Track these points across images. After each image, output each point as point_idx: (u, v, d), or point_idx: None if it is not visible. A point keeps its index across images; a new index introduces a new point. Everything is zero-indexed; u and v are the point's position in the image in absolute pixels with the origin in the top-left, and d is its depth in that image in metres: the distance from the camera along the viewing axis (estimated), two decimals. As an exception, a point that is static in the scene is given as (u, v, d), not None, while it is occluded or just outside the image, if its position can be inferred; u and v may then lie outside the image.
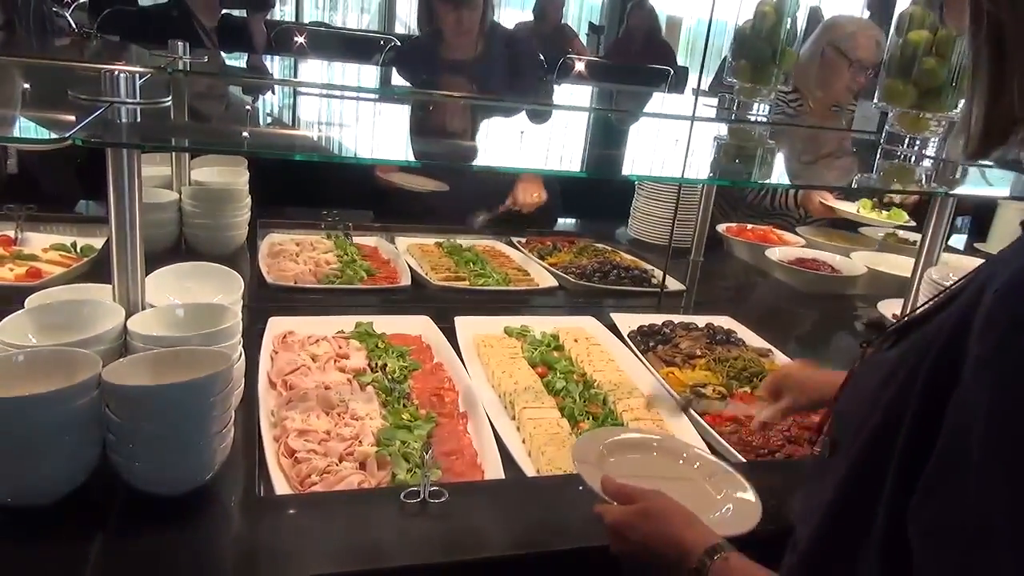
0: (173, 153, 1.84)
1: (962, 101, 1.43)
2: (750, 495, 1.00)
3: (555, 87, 3.67)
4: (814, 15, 2.73)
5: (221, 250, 1.76)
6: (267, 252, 1.88)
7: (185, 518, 0.93)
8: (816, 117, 2.58)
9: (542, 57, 3.24)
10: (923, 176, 1.70)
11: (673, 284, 2.03)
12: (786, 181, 2.44)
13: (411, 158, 1.87)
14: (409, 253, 2.04)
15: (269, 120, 1.65)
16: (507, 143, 1.78)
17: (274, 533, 0.93)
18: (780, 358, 1.65)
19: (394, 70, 2.80)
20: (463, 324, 1.58)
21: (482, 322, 1.62)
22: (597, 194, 2.47)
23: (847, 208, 2.45)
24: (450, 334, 1.53)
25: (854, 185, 2.17)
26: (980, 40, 0.65)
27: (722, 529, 0.84)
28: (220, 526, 0.95)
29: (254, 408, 1.19)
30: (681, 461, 1.09)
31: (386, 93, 2.14)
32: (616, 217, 2.56)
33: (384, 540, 0.94)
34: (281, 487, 1.05)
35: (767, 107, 1.93)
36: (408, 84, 2.49)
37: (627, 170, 1.96)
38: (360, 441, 1.14)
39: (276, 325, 1.45)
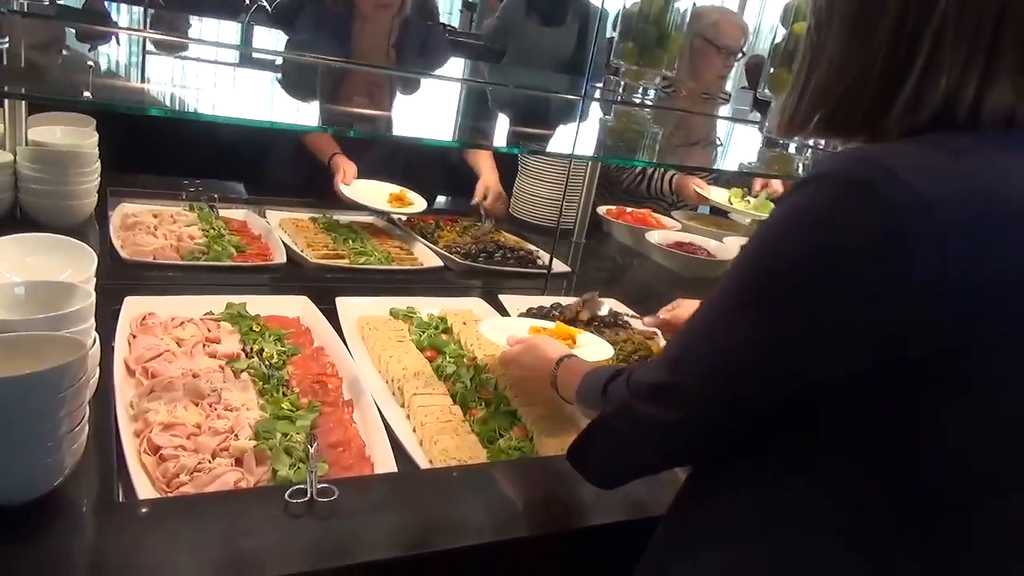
0: (5, 107, 1.61)
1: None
2: (608, 348, 1.38)
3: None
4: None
5: (65, 221, 1.56)
6: (120, 224, 1.70)
7: (30, 530, 0.80)
8: (688, 104, 2.64)
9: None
10: (800, 164, 1.76)
11: (558, 266, 2.01)
12: (666, 162, 2.48)
13: (284, 120, 1.73)
14: (282, 228, 1.90)
15: (118, 75, 1.48)
16: (389, 112, 1.69)
17: (135, 542, 0.82)
18: (662, 342, 1.66)
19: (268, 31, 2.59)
20: (345, 305, 1.48)
21: (366, 303, 1.53)
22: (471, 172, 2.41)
23: (719, 196, 2.52)
24: (331, 316, 1.43)
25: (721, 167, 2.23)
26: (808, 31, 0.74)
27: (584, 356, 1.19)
28: (71, 537, 0.83)
29: (110, 400, 1.05)
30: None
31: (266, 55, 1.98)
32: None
33: (266, 546, 0.84)
34: (144, 489, 0.93)
35: (652, 91, 1.94)
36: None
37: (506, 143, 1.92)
38: (236, 435, 1.04)
39: (133, 306, 1.30)
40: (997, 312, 0.62)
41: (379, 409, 1.16)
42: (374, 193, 2.10)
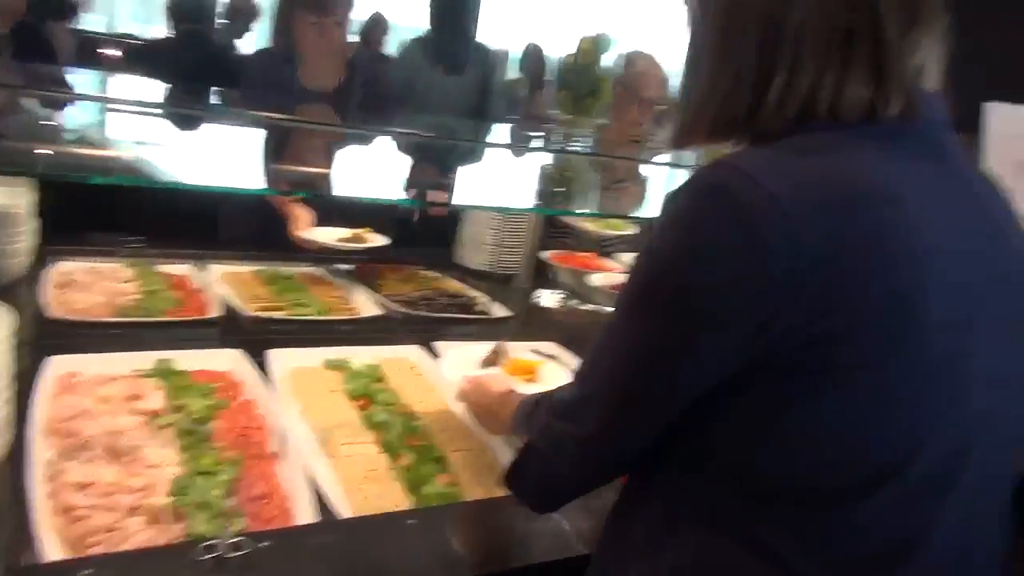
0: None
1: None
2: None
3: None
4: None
5: (-6, 281, 1.56)
6: (54, 282, 1.69)
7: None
8: (615, 148, 2.72)
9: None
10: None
11: (502, 311, 2.03)
12: (595, 209, 2.52)
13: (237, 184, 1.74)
14: (224, 282, 1.91)
15: (70, 137, 1.49)
16: (341, 167, 1.71)
17: (39, 607, 0.81)
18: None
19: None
20: (278, 357, 1.48)
21: (300, 355, 1.53)
22: (424, 220, 2.44)
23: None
24: (266, 368, 1.43)
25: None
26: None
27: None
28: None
29: (24, 462, 1.04)
30: None
31: (222, 114, 2.00)
32: (443, 244, 2.53)
33: (173, 604, 0.84)
34: (55, 551, 0.92)
35: (587, 137, 1.99)
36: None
37: (456, 199, 1.95)
38: (152, 492, 1.03)
39: (57, 365, 1.29)
40: (855, 297, 0.65)
41: (306, 460, 1.17)
42: (331, 238, 2.13)
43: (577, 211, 2.55)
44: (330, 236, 2.13)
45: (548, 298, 2.07)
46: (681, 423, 0.74)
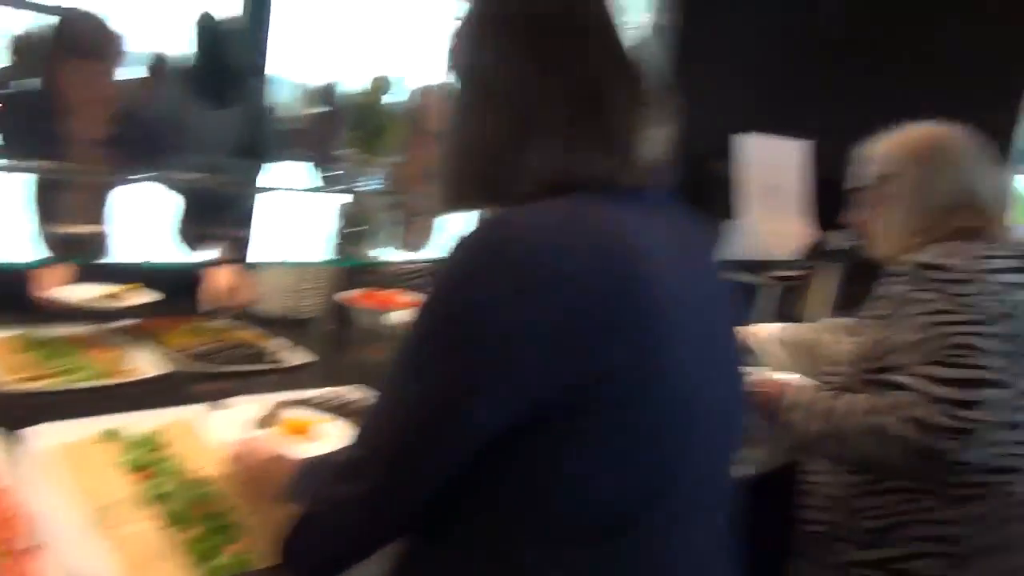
0: None
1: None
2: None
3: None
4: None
5: None
6: None
7: None
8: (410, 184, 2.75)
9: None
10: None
11: (300, 358, 1.97)
12: (395, 247, 2.52)
13: None
14: (-24, 352, 1.71)
15: None
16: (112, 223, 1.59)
17: None
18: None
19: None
20: (41, 434, 1.35)
21: (70, 428, 1.40)
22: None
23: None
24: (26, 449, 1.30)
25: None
26: None
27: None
28: None
29: None
30: None
31: None
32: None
33: None
34: None
35: (378, 177, 2.00)
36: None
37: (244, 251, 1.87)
38: None
39: None
40: (616, 343, 0.72)
41: (75, 549, 1.07)
42: (92, 295, 1.96)
43: (373, 255, 2.54)
44: (90, 294, 1.96)
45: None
46: (459, 474, 0.76)
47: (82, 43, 1.99)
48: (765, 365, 2.06)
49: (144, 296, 2.01)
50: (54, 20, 2.08)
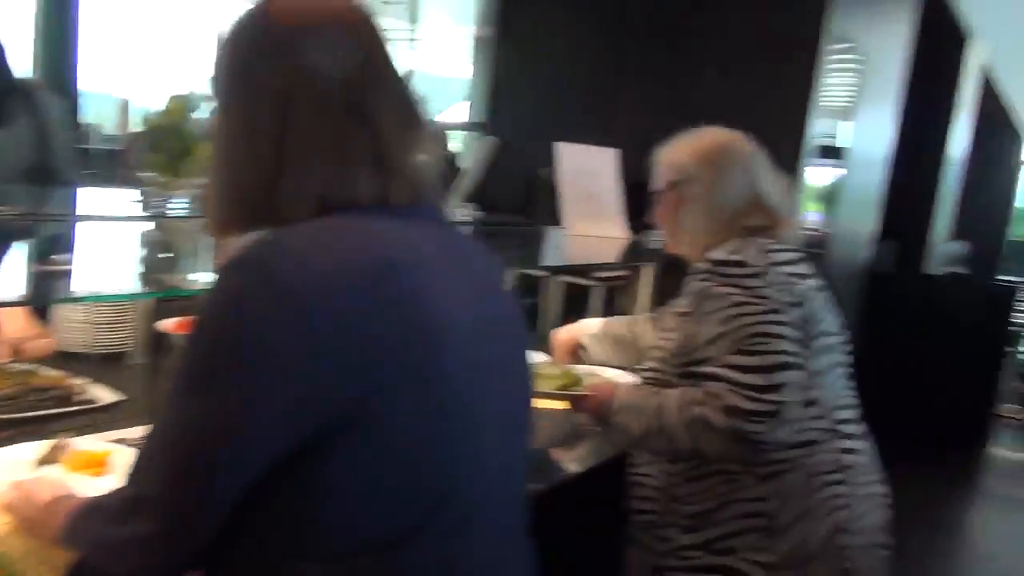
0: None
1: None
2: None
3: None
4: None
5: None
6: None
7: None
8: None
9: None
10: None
11: (108, 396, 1.83)
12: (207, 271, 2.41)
13: None
14: None
15: None
16: None
17: None
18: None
19: None
20: None
21: None
22: None
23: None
24: None
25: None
26: None
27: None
28: None
29: None
30: None
31: None
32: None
33: None
34: None
35: (187, 200, 1.90)
36: None
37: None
38: None
39: None
40: (391, 356, 0.73)
41: None
42: None
43: (183, 281, 2.41)
44: None
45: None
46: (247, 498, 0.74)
47: None
48: (592, 361, 2.15)
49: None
50: None
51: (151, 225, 1.85)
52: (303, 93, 0.79)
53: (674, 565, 1.53)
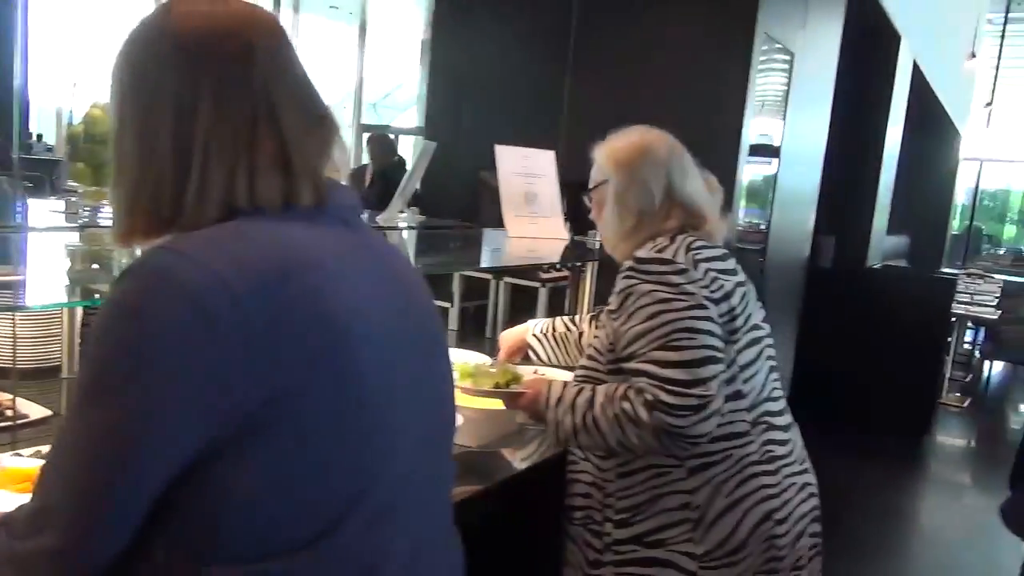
0: None
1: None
2: None
3: None
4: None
5: None
6: None
7: None
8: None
9: None
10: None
11: (38, 411, 1.79)
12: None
13: None
14: None
15: None
16: None
17: None
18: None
19: None
20: None
21: None
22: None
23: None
24: None
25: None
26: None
27: None
28: None
29: None
30: None
31: None
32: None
33: None
34: None
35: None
36: None
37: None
38: None
39: None
40: (297, 355, 0.73)
41: None
42: None
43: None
44: None
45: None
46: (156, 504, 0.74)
47: None
48: (539, 361, 2.17)
49: None
50: None
51: (78, 236, 1.82)
52: (205, 101, 0.79)
53: (609, 559, 1.55)
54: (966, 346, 8.29)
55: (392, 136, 7.02)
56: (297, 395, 0.73)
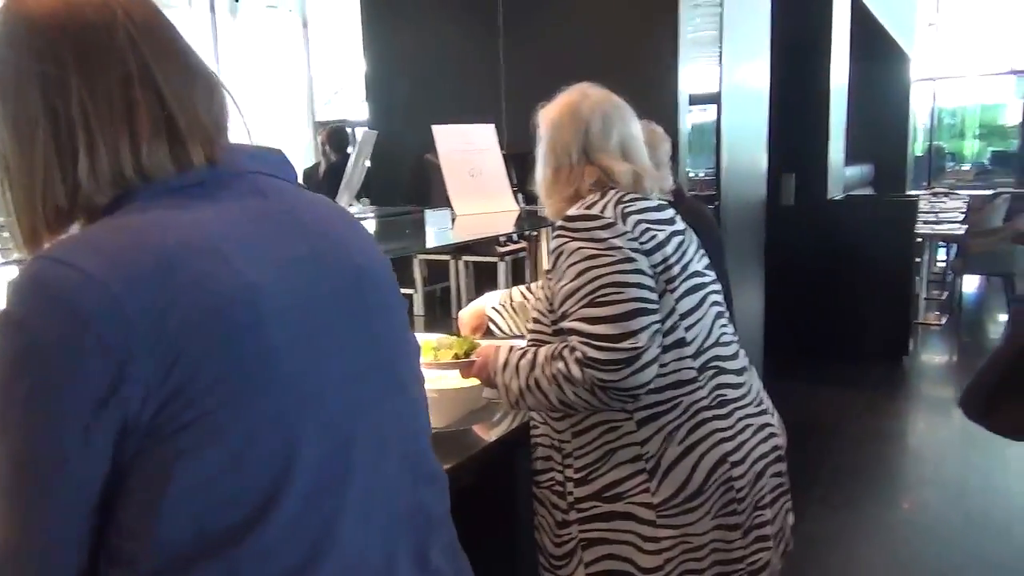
0: None
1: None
2: None
3: None
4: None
5: None
6: None
7: None
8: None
9: None
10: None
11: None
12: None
13: None
14: None
15: None
16: None
17: None
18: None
19: None
20: None
21: None
22: None
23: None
24: None
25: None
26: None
27: None
28: None
29: None
30: None
31: None
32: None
33: None
34: None
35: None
36: None
37: None
38: None
39: None
40: (196, 347, 0.70)
41: None
42: None
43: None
44: None
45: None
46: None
47: None
48: (497, 334, 2.18)
49: None
50: None
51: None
52: (73, 74, 0.75)
53: (574, 518, 1.58)
54: (940, 264, 8.39)
55: (349, 129, 6.95)
56: (200, 391, 0.70)
